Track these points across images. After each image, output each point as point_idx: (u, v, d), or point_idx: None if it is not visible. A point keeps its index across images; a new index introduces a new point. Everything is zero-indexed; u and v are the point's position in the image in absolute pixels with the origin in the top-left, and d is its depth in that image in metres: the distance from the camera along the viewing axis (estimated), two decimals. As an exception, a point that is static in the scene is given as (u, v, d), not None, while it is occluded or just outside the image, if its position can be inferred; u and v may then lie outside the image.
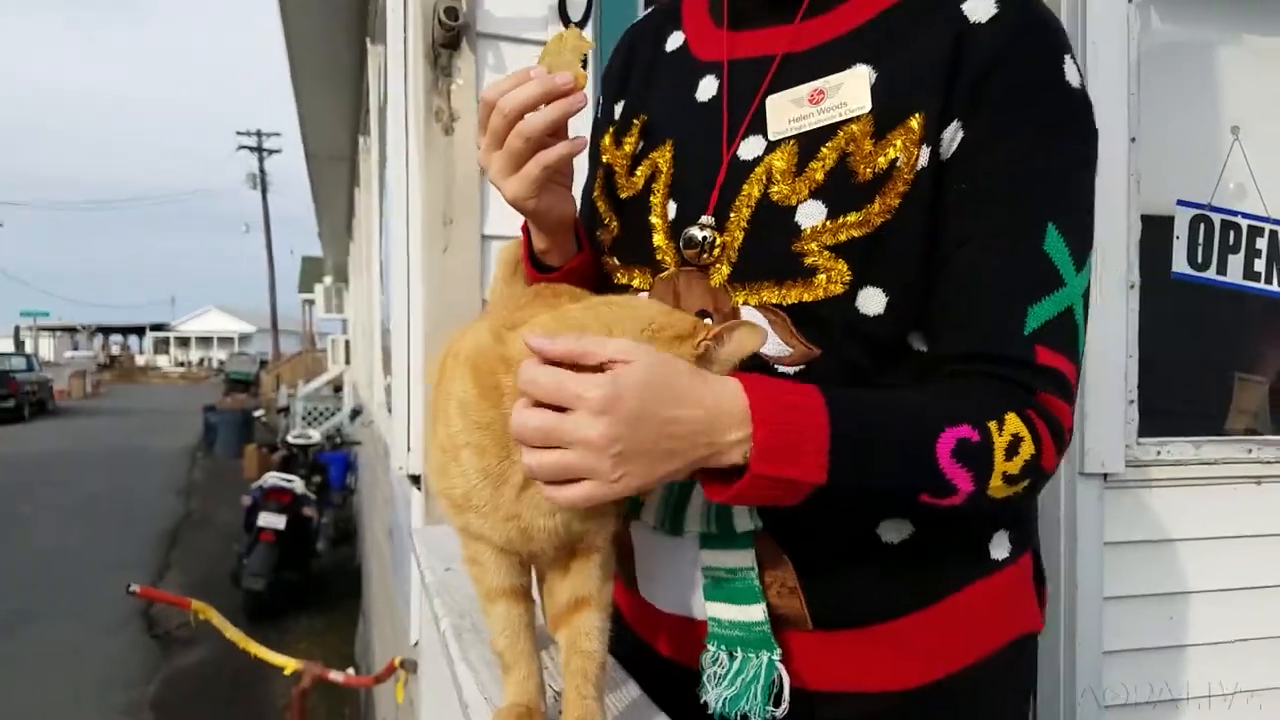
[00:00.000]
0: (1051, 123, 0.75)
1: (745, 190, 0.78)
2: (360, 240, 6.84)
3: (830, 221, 0.75)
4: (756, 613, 0.78)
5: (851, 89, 0.76)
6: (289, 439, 8.77)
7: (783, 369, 0.76)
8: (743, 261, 0.78)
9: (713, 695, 0.79)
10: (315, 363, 19.01)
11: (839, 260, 0.74)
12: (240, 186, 33.54)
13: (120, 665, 5.47)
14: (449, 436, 0.68)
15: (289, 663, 2.30)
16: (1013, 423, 0.70)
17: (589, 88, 0.86)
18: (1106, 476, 1.90)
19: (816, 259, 0.75)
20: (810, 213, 0.75)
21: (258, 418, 13.38)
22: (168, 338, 68.45)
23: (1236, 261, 2.08)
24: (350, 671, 2.54)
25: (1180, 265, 2.05)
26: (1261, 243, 2.08)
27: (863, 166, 0.75)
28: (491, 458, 0.67)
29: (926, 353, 0.78)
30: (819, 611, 0.79)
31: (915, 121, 0.74)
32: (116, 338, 70.42)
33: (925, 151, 0.74)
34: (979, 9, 0.75)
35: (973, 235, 0.74)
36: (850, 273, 0.74)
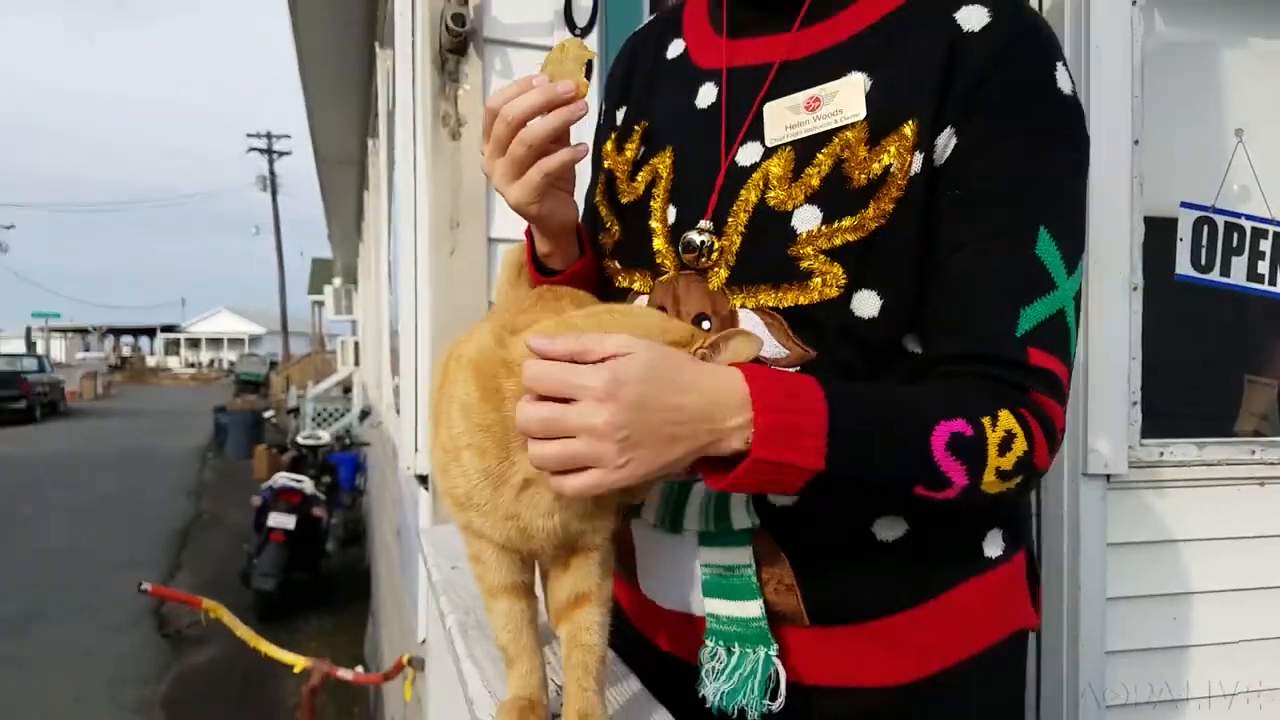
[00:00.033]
0: (1044, 129, 0.76)
1: (743, 195, 0.80)
2: (369, 242, 6.88)
3: (825, 226, 0.76)
4: (754, 609, 0.80)
5: (847, 96, 0.78)
6: (299, 440, 8.80)
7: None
8: (740, 265, 0.79)
9: (710, 690, 0.80)
10: (325, 364, 19.07)
11: (834, 264, 0.76)
12: (250, 188, 33.63)
13: (131, 664, 5.51)
14: (451, 438, 0.70)
15: (298, 660, 2.33)
16: (1006, 419, 0.72)
17: (592, 94, 0.88)
18: (1110, 477, 1.90)
19: (812, 263, 0.76)
20: (806, 217, 0.77)
21: (268, 419, 13.43)
22: (178, 339, 68.75)
23: (1240, 263, 2.08)
24: (359, 669, 2.56)
25: (1184, 267, 2.06)
26: (1265, 244, 2.09)
27: (857, 172, 0.76)
28: (492, 459, 0.69)
29: (921, 355, 0.79)
30: (815, 608, 0.80)
31: (909, 128, 0.75)
32: (127, 339, 70.80)
33: (919, 158, 0.75)
34: (972, 18, 0.76)
35: (966, 240, 0.76)
36: (845, 276, 0.76)
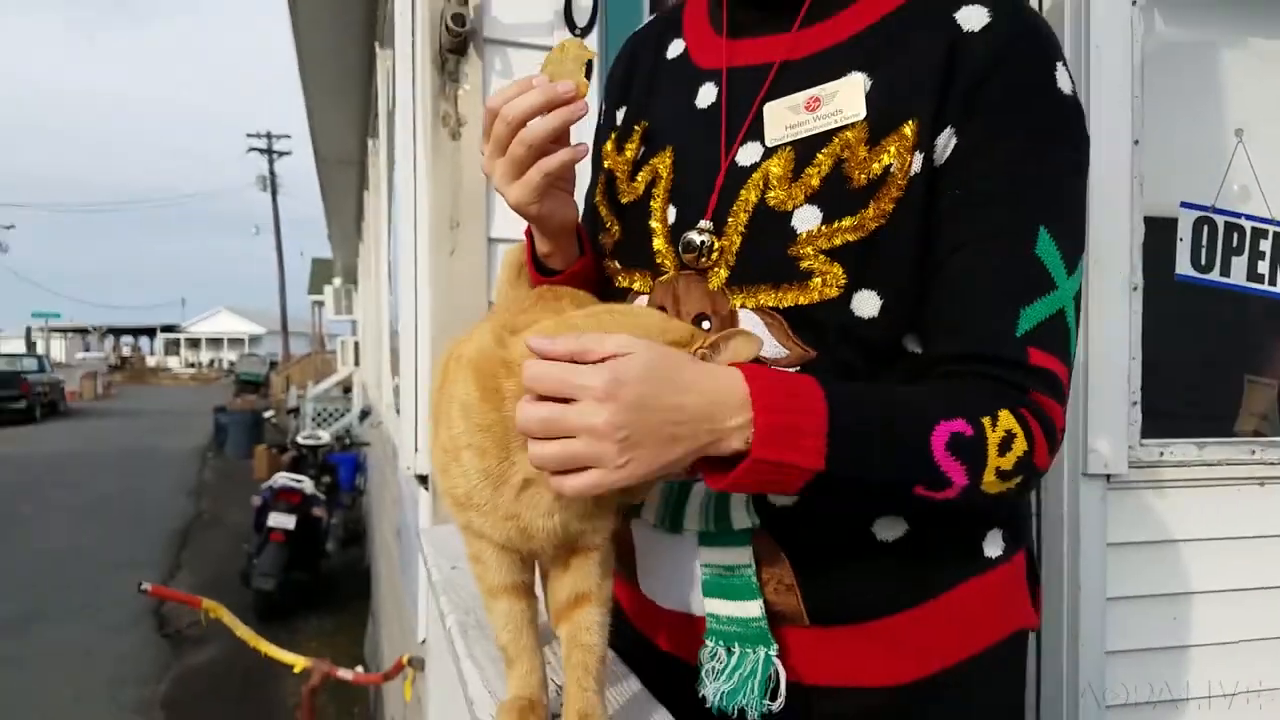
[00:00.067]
0: (1044, 129, 0.76)
1: (743, 195, 0.80)
2: (369, 242, 6.88)
3: (825, 226, 0.76)
4: (754, 609, 0.80)
5: (847, 96, 0.78)
6: (299, 440, 8.80)
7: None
8: (740, 265, 0.80)
9: (710, 690, 0.80)
10: (325, 364, 19.07)
11: (834, 264, 0.76)
12: (250, 188, 33.64)
13: (131, 664, 5.51)
14: (451, 438, 0.70)
15: (298, 660, 2.33)
16: (1006, 419, 0.72)
17: (592, 94, 0.88)
18: (1110, 477, 1.90)
19: (812, 263, 0.76)
20: (806, 217, 0.77)
21: (268, 419, 13.43)
22: (178, 339, 68.76)
23: (1240, 263, 2.08)
24: (359, 669, 2.56)
25: (1184, 267, 2.06)
26: (1265, 244, 2.09)
27: (857, 172, 0.76)
28: (492, 459, 0.69)
29: (921, 354, 0.79)
30: (815, 608, 0.80)
31: (909, 128, 0.75)
32: (127, 339, 70.81)
33: (919, 158, 0.75)
34: (972, 18, 0.76)
35: (966, 240, 0.76)
36: (845, 276, 0.76)
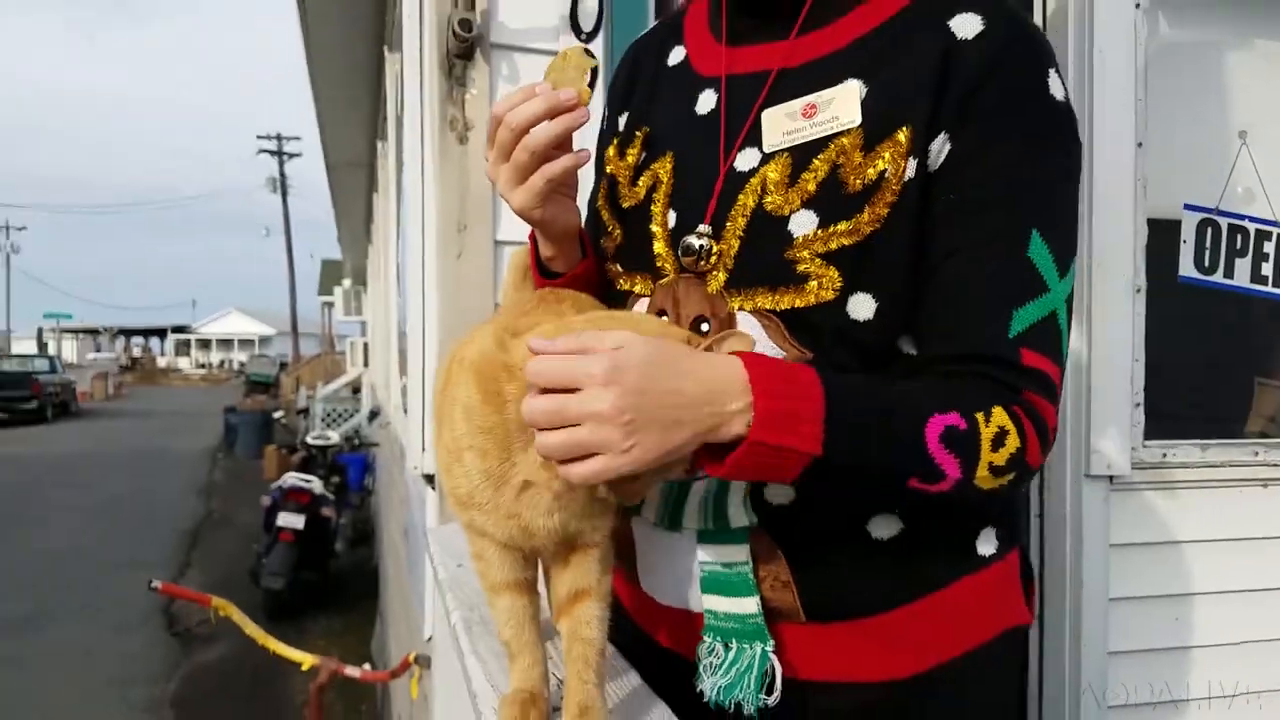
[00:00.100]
0: (1036, 135, 0.78)
1: (741, 200, 0.81)
2: (378, 244, 6.91)
3: (821, 230, 0.78)
4: (751, 605, 0.81)
5: (843, 103, 0.79)
6: (308, 440, 8.86)
7: None
8: (738, 269, 0.81)
9: (708, 684, 0.82)
10: (334, 365, 19.16)
11: (830, 267, 0.78)
12: (260, 190, 33.80)
13: (141, 662, 5.55)
14: (454, 439, 0.72)
15: (306, 658, 2.35)
16: (999, 416, 0.73)
17: (597, 100, 0.90)
18: (1112, 479, 1.91)
19: (808, 266, 0.78)
20: (802, 222, 0.78)
21: (277, 419, 13.52)
22: (189, 340, 69.06)
23: (1244, 265, 2.09)
24: (366, 667, 2.58)
25: (1187, 269, 2.06)
26: (1269, 246, 2.09)
27: (853, 178, 0.78)
28: (493, 460, 0.70)
29: (916, 356, 0.81)
30: (811, 604, 0.82)
31: (903, 135, 0.77)
32: (138, 340, 71.18)
33: (912, 163, 0.77)
34: (966, 25, 0.78)
35: (960, 244, 0.77)
36: (841, 279, 0.77)
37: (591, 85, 0.84)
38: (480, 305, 1.77)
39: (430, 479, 1.89)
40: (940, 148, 0.77)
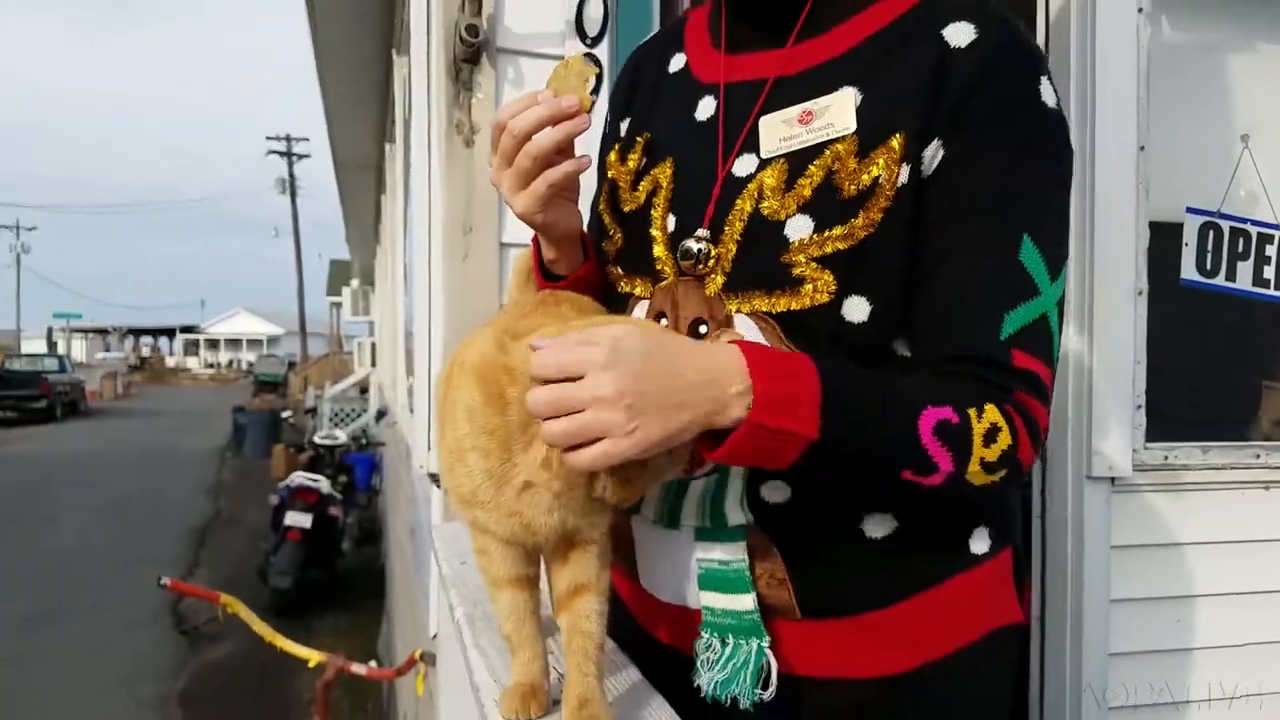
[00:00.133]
0: (1028, 143, 0.79)
1: (738, 205, 0.83)
2: (386, 245, 6.94)
3: (817, 235, 0.79)
4: (747, 602, 0.83)
5: (838, 110, 0.81)
6: (316, 440, 8.88)
7: None
8: (736, 272, 0.83)
9: (705, 679, 0.84)
10: (342, 365, 19.21)
11: (825, 271, 0.79)
12: (269, 191, 33.91)
13: (149, 660, 5.58)
14: (456, 439, 0.74)
15: (313, 655, 2.37)
16: (991, 413, 0.75)
17: (601, 105, 0.92)
18: (1114, 480, 1.92)
19: (804, 270, 0.80)
20: (798, 226, 0.80)
21: (286, 419, 13.55)
22: (197, 340, 69.31)
23: (1246, 268, 2.09)
24: (372, 664, 2.61)
25: (1189, 272, 2.07)
26: (1271, 250, 2.10)
27: (847, 183, 0.79)
28: (495, 460, 0.72)
29: (910, 358, 0.82)
30: (806, 601, 0.83)
31: (896, 141, 0.78)
32: (147, 339, 71.50)
33: (905, 169, 0.78)
34: (959, 34, 0.79)
35: (953, 248, 0.79)
36: (836, 283, 0.79)
37: (596, 91, 0.86)
38: (485, 306, 1.79)
39: (435, 478, 1.91)
40: (933, 154, 0.79)
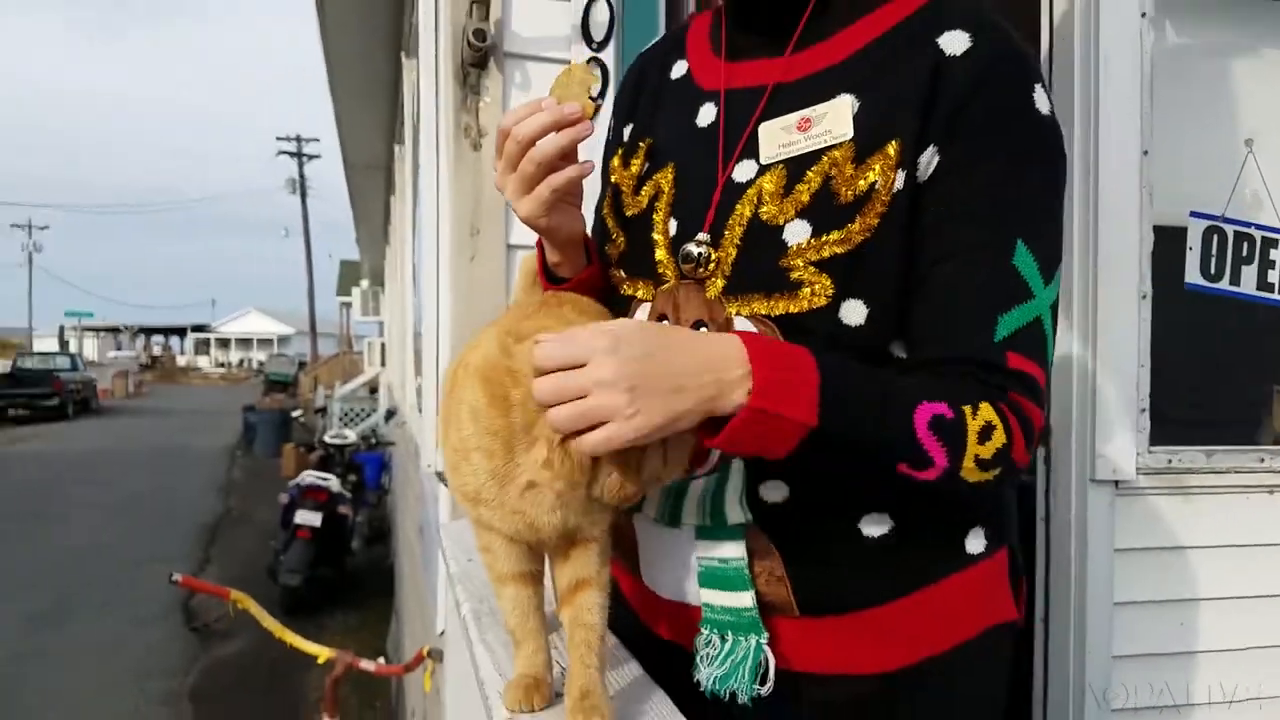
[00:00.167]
0: (1022, 150, 0.81)
1: (738, 210, 0.85)
2: (395, 246, 6.97)
3: (814, 239, 0.81)
4: (746, 599, 0.85)
5: (835, 117, 0.83)
6: (326, 439, 8.93)
7: None
8: (735, 275, 0.85)
9: (704, 674, 0.85)
10: (352, 364, 19.29)
11: (822, 275, 0.81)
12: (280, 191, 34.03)
13: (160, 656, 5.62)
14: (461, 439, 0.76)
15: (322, 651, 2.39)
16: (986, 411, 0.76)
17: (607, 110, 0.93)
18: (1118, 484, 1.93)
19: (802, 274, 0.81)
20: (796, 231, 0.82)
21: (296, 418, 13.63)
22: (208, 339, 69.63)
23: (1250, 272, 2.10)
24: (381, 660, 2.63)
25: (1193, 276, 2.08)
26: (1276, 254, 2.10)
27: (844, 189, 0.81)
28: (499, 460, 0.74)
29: (906, 360, 0.84)
30: (804, 599, 0.85)
31: (892, 148, 0.80)
32: (158, 338, 71.85)
33: (901, 175, 0.80)
34: (954, 43, 0.81)
35: (947, 253, 0.80)
36: (833, 286, 0.81)
37: (602, 95, 0.88)
38: (492, 307, 1.81)
39: (443, 476, 1.93)
40: (929, 160, 0.80)
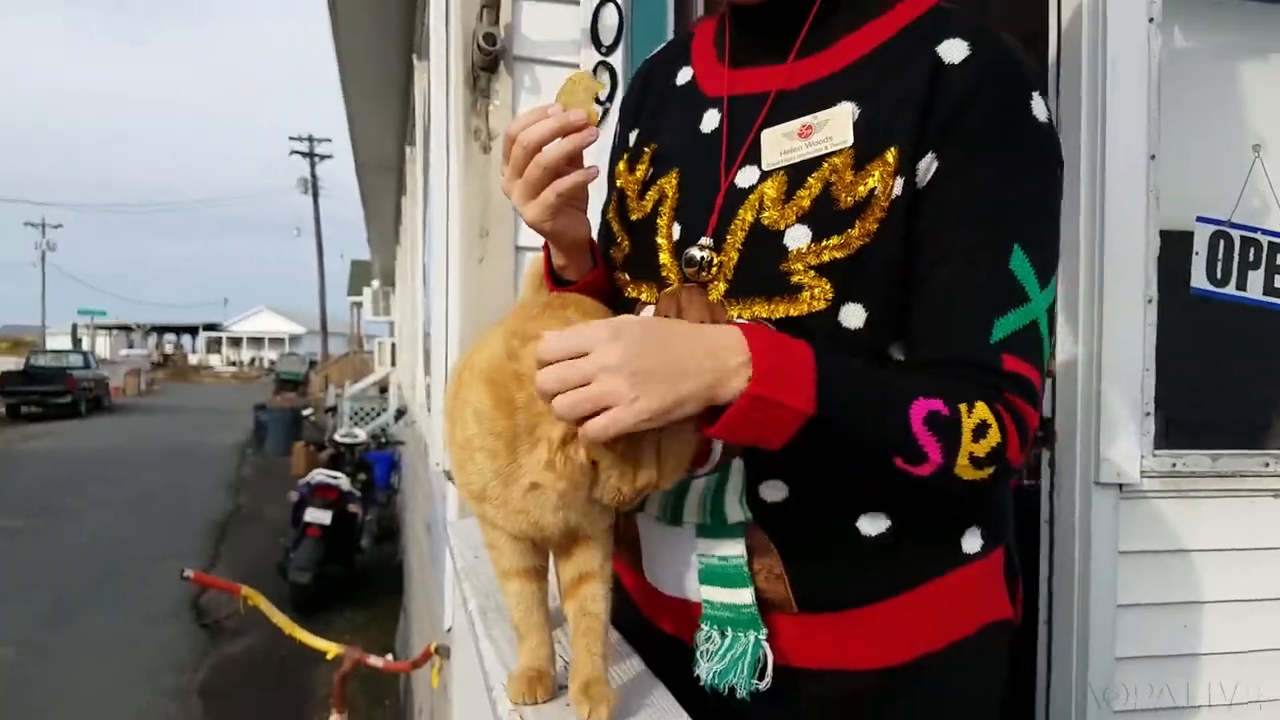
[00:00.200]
0: (1019, 156, 0.83)
1: (740, 215, 0.87)
2: (406, 246, 7.01)
3: (814, 244, 0.83)
4: (745, 596, 0.86)
5: (836, 125, 0.84)
6: (336, 438, 8.96)
7: None
8: (737, 279, 0.86)
9: (704, 669, 0.87)
10: (362, 364, 19.37)
11: (822, 279, 0.83)
12: (292, 191, 34.17)
13: (170, 652, 5.67)
14: (466, 439, 0.78)
15: (331, 647, 2.42)
16: (981, 410, 0.78)
17: (612, 115, 0.95)
18: (1122, 487, 1.93)
19: (802, 278, 0.83)
20: (797, 236, 0.84)
21: (306, 417, 13.67)
22: (220, 337, 69.99)
23: (1256, 277, 2.10)
24: (389, 657, 2.66)
25: (1199, 280, 2.08)
26: (1282, 259, 2.10)
27: (844, 195, 0.83)
28: (503, 460, 0.76)
29: (904, 362, 0.86)
30: (803, 596, 0.86)
31: (891, 155, 0.82)
32: (170, 337, 72.26)
33: (899, 182, 0.82)
34: (953, 51, 0.83)
35: (946, 258, 0.82)
36: (833, 290, 0.83)
37: (610, 98, 0.90)
38: (501, 308, 1.81)
39: (451, 474, 1.95)
40: (927, 167, 0.82)
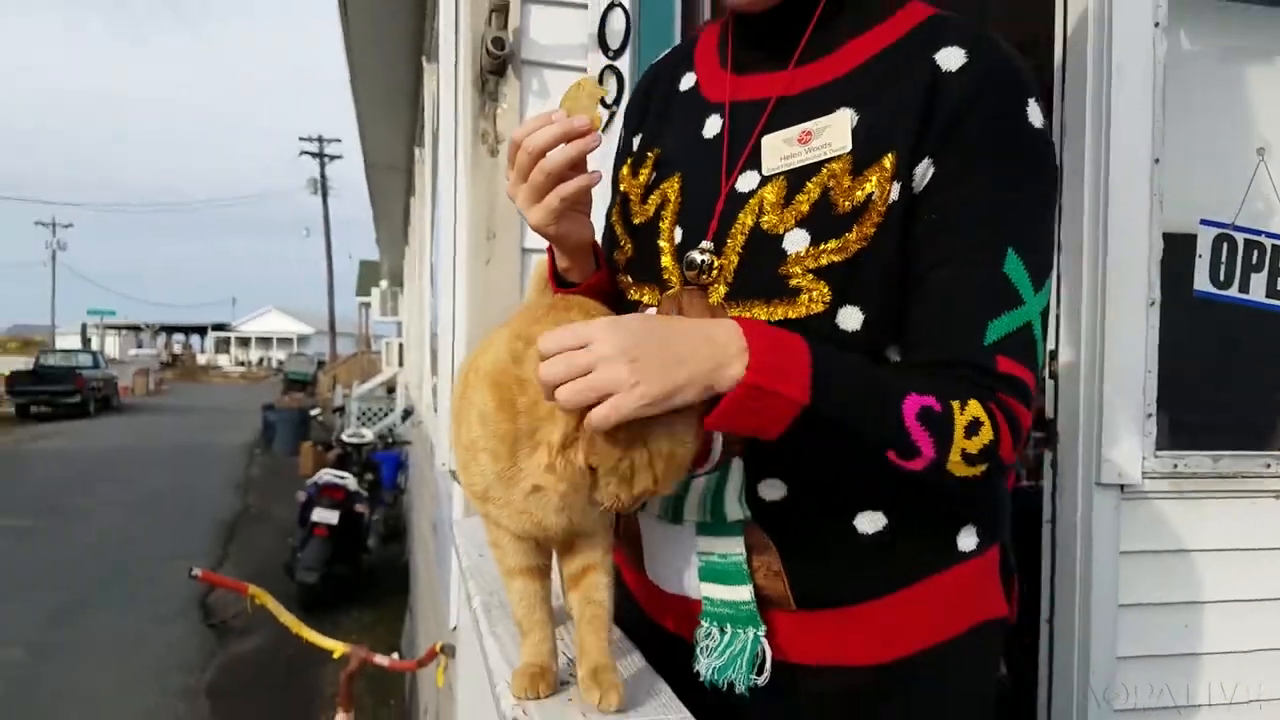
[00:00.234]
0: (1014, 162, 0.84)
1: (740, 219, 0.88)
2: (414, 247, 7.04)
3: (813, 248, 0.84)
4: (744, 593, 0.88)
5: (835, 131, 0.86)
6: (344, 438, 9.00)
7: None
8: (737, 282, 0.88)
9: (703, 665, 0.89)
10: (370, 364, 19.41)
11: (820, 282, 0.84)
12: (301, 191, 34.25)
13: (178, 652, 5.70)
14: (470, 440, 0.80)
15: (337, 646, 2.44)
16: (974, 407, 0.79)
17: (617, 120, 0.97)
18: (1124, 487, 1.94)
19: (800, 281, 0.85)
20: (796, 240, 0.85)
21: (314, 417, 13.74)
22: (229, 337, 70.22)
23: (1259, 280, 2.10)
24: (395, 656, 2.68)
25: (1202, 283, 2.08)
26: (1285, 262, 2.11)
27: (842, 200, 0.84)
28: (505, 462, 0.78)
29: (901, 363, 0.87)
30: (801, 593, 0.88)
31: (888, 160, 0.83)
32: (179, 337, 72.59)
33: (896, 187, 0.83)
34: (951, 59, 0.84)
35: (942, 261, 0.84)
36: (830, 293, 0.84)
37: (617, 101, 0.92)
38: (507, 309, 1.85)
39: (456, 474, 1.97)
40: (924, 172, 0.84)
